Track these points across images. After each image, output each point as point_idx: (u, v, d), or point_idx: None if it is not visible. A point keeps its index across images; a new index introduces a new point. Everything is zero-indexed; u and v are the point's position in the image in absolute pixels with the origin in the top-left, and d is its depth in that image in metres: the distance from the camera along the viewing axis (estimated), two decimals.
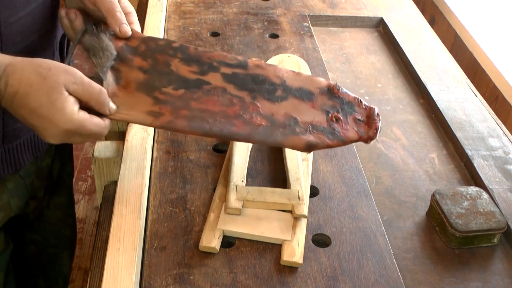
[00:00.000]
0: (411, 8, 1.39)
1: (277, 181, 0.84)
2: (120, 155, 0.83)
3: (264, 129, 0.73)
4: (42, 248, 1.06)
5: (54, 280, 1.11)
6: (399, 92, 1.12)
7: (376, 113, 0.79)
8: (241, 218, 0.76)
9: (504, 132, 1.00)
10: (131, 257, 0.67)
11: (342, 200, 0.82)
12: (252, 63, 0.80)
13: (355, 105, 0.80)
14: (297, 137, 0.74)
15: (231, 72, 0.79)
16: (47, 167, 0.95)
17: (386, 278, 0.71)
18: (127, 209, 0.74)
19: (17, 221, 0.95)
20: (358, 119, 0.78)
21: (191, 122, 0.72)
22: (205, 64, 0.78)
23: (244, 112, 0.74)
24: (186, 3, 1.31)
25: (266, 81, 0.79)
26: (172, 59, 0.78)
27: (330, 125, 0.76)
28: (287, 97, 0.78)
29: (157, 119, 0.71)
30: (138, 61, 0.77)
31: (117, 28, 0.76)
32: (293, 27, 1.25)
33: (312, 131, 0.75)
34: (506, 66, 1.29)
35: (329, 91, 0.80)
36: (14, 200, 0.88)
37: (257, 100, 0.76)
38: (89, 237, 1.82)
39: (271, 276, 0.70)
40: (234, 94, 0.76)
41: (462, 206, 0.81)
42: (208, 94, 0.75)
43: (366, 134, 0.77)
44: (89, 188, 2.00)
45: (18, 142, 0.83)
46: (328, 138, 0.75)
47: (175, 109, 0.73)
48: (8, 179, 0.86)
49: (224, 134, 0.72)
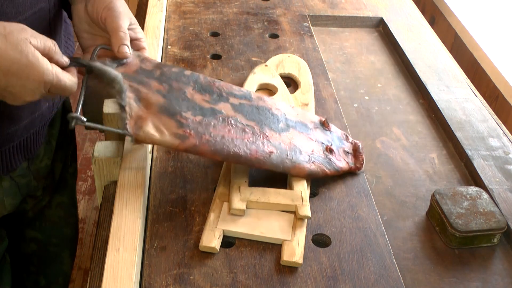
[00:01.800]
0: (411, 8, 1.39)
1: (276, 181, 0.84)
2: (120, 155, 0.83)
3: (275, 156, 0.80)
4: (43, 246, 1.06)
5: (54, 279, 1.11)
6: (399, 92, 1.12)
7: (361, 147, 0.90)
8: (241, 218, 0.76)
9: (504, 132, 1.00)
10: (131, 257, 0.67)
11: (342, 200, 0.82)
12: (254, 96, 0.87)
13: (343, 139, 0.91)
14: (302, 166, 0.81)
15: (238, 103, 0.84)
16: (47, 168, 0.95)
17: (386, 278, 0.71)
18: (127, 209, 0.74)
19: (15, 218, 0.96)
20: (346, 151, 0.89)
21: (212, 147, 0.76)
22: (215, 93, 0.83)
23: (256, 140, 0.80)
24: (186, 3, 1.31)
25: (269, 113, 0.85)
26: (186, 86, 0.81)
27: (326, 156, 0.85)
28: (288, 128, 0.85)
29: (183, 142, 0.74)
30: (155, 85, 0.79)
31: (116, 48, 0.75)
32: (293, 27, 1.25)
33: (313, 161, 0.83)
34: (506, 66, 1.29)
35: (321, 125, 0.90)
36: (8, 199, 0.89)
37: (264, 130, 0.82)
38: (89, 237, 1.82)
39: (271, 276, 0.70)
40: (245, 124, 0.81)
41: (462, 206, 0.81)
42: (223, 122, 0.80)
43: (354, 165, 0.88)
44: (89, 188, 2.00)
45: (11, 145, 0.84)
46: (326, 167, 0.84)
47: (198, 134, 0.76)
48: (2, 178, 0.86)
49: (241, 161, 0.77)
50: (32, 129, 0.87)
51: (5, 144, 0.82)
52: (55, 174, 0.99)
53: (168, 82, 0.80)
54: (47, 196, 1.00)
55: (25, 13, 0.75)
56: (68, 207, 1.07)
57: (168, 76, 0.81)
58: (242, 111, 0.83)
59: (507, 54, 1.33)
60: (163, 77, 0.80)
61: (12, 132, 0.82)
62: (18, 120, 0.82)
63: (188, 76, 0.83)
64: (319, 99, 1.02)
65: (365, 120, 1.03)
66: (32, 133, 0.87)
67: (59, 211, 1.05)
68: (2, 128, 0.80)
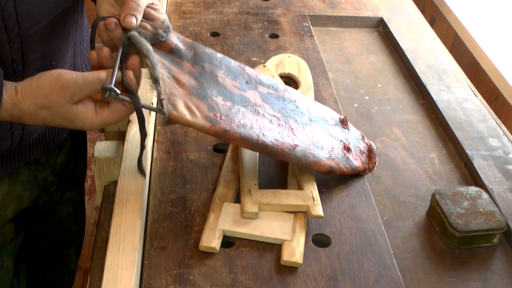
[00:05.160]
0: (411, 8, 1.39)
1: (277, 180, 0.84)
2: (120, 155, 0.83)
3: (299, 150, 0.79)
4: (51, 242, 1.07)
5: (60, 276, 1.12)
6: (399, 92, 1.12)
7: (375, 148, 0.91)
8: (241, 218, 0.76)
9: (504, 132, 1.00)
10: (131, 257, 0.67)
11: (342, 200, 0.82)
12: (281, 86, 0.87)
13: (359, 139, 0.91)
14: (323, 162, 0.81)
15: (266, 92, 0.84)
16: (62, 163, 0.96)
17: (386, 278, 0.71)
18: (127, 209, 0.74)
19: (28, 213, 0.97)
20: (362, 151, 0.89)
21: (242, 134, 0.75)
22: (245, 80, 0.83)
23: (282, 132, 0.80)
24: (186, 3, 1.31)
25: (294, 105, 0.86)
26: (218, 70, 0.81)
27: (344, 154, 0.85)
28: (311, 123, 0.86)
29: (214, 126, 0.73)
30: (188, 66, 0.78)
31: (123, 16, 0.71)
32: (293, 27, 1.25)
33: (333, 158, 0.83)
34: (506, 66, 1.29)
35: (340, 123, 0.90)
36: (26, 193, 0.90)
37: (289, 122, 0.82)
38: (89, 237, 1.82)
39: (271, 276, 0.70)
40: (272, 114, 0.81)
41: (462, 206, 0.81)
42: (252, 111, 0.79)
43: (368, 165, 0.88)
44: (89, 188, 2.00)
45: (32, 138, 0.85)
46: (344, 166, 0.84)
47: (228, 119, 0.75)
48: (21, 172, 0.88)
49: (267, 150, 0.77)
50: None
51: (27, 138, 0.84)
52: (68, 170, 1.00)
53: (201, 64, 0.80)
54: (59, 192, 1.01)
55: (51, 15, 0.76)
56: (76, 203, 1.08)
57: (202, 58, 0.80)
58: (269, 101, 0.83)
59: (507, 54, 1.33)
60: (197, 59, 0.80)
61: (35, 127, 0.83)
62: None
63: (220, 59, 0.82)
64: (319, 99, 1.02)
65: (365, 120, 1.03)
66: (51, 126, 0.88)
67: (68, 207, 1.06)
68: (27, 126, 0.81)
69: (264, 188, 0.80)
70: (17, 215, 0.91)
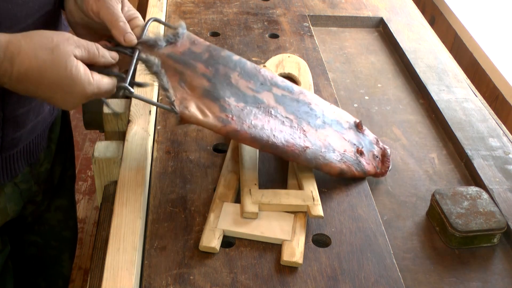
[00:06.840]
0: (411, 8, 1.39)
1: (277, 180, 0.84)
2: (120, 155, 0.83)
3: (310, 152, 0.80)
4: (43, 250, 1.06)
5: (54, 281, 1.11)
6: (399, 92, 1.12)
7: (389, 153, 0.90)
8: (241, 218, 0.76)
9: (504, 132, 1.00)
10: (131, 257, 0.67)
11: (342, 200, 0.82)
12: (296, 89, 0.88)
13: (374, 143, 0.91)
14: (333, 165, 0.82)
15: (281, 94, 0.85)
16: (46, 172, 0.95)
17: (386, 278, 0.71)
18: (127, 209, 0.74)
19: (15, 223, 0.96)
20: (375, 155, 0.89)
21: (252, 135, 0.76)
22: (259, 81, 0.84)
23: (293, 133, 0.81)
24: (186, 3, 1.31)
25: (308, 108, 0.86)
26: (232, 72, 0.82)
27: (356, 157, 0.85)
28: (324, 126, 0.86)
29: (225, 126, 0.75)
30: (201, 68, 0.80)
31: (122, 38, 0.74)
32: (293, 27, 1.25)
33: (344, 160, 0.83)
34: (506, 66, 1.29)
35: (355, 126, 0.91)
36: (11, 205, 0.89)
37: (302, 124, 0.83)
38: (89, 237, 1.82)
39: (271, 276, 0.70)
40: (285, 116, 0.82)
41: (462, 206, 0.81)
42: (264, 112, 0.81)
43: (380, 170, 0.88)
44: (89, 188, 2.00)
45: (15, 151, 0.84)
46: (356, 169, 0.84)
47: (240, 120, 0.77)
48: (6, 184, 0.86)
49: (277, 151, 0.78)
50: (35, 133, 0.87)
51: (10, 149, 0.82)
52: (54, 178, 0.99)
53: (215, 66, 0.81)
54: (46, 200, 1.00)
55: (34, 16, 0.76)
56: (67, 210, 1.07)
57: (216, 60, 0.81)
58: (283, 103, 0.84)
59: (507, 54, 1.33)
60: (211, 61, 0.81)
61: (17, 137, 0.82)
62: (23, 125, 0.82)
63: (236, 62, 0.83)
64: None
65: (365, 120, 1.03)
66: (35, 137, 0.87)
67: (58, 215, 1.04)
68: (8, 134, 0.80)
69: (264, 188, 0.80)
70: (2, 227, 0.89)
